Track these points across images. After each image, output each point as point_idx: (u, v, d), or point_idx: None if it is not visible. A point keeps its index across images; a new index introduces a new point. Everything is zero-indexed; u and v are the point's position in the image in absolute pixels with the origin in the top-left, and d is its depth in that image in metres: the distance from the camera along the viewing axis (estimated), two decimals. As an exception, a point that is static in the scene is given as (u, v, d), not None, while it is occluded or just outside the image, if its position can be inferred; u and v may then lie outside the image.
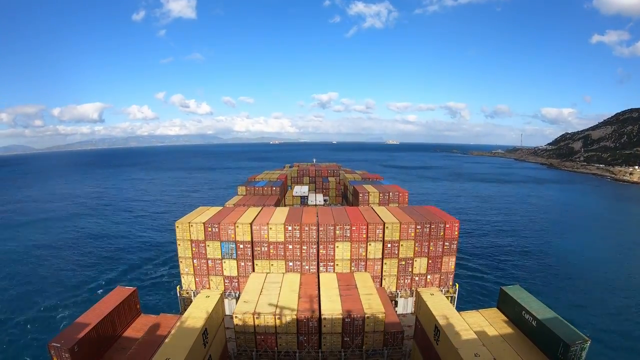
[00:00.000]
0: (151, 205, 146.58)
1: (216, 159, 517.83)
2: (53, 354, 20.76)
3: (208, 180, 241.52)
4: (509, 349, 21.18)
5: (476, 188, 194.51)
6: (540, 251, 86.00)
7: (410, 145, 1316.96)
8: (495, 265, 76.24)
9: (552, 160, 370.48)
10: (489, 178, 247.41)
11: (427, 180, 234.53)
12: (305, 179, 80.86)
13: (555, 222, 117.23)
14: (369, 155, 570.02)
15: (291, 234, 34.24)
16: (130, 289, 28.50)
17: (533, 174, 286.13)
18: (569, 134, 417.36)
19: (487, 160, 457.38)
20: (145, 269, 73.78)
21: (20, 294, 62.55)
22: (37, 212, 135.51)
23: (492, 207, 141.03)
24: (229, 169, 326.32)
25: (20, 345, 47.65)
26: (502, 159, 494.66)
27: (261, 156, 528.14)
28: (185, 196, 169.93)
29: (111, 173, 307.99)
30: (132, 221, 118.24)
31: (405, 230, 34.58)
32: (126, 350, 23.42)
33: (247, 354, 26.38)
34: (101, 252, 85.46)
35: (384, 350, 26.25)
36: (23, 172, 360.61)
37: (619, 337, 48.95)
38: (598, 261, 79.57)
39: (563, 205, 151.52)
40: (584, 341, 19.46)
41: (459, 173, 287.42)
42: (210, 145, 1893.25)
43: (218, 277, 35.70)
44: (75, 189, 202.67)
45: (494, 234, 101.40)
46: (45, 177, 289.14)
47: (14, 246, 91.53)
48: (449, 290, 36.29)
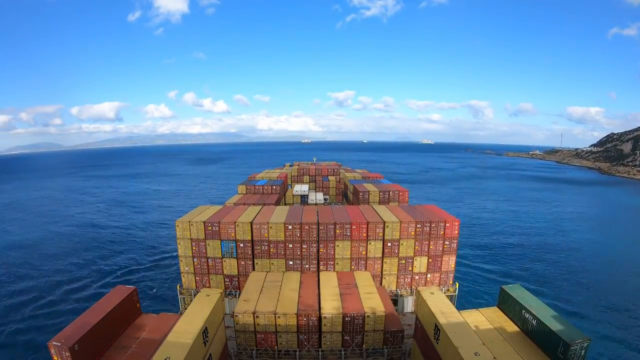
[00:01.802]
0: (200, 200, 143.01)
1: (268, 156, 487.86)
2: (53, 353, 20.75)
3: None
4: (509, 348, 21.16)
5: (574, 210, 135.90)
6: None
7: (442, 146, 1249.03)
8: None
9: (600, 164, 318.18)
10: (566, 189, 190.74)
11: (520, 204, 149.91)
12: (305, 177, 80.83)
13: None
14: (414, 158, 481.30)
15: (291, 233, 34.22)
16: (130, 288, 28.46)
17: (586, 180, 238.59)
18: (615, 134, 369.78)
19: (528, 163, 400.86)
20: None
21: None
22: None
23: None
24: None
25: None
26: (542, 161, 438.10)
27: (308, 155, 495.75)
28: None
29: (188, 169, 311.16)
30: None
31: (405, 229, 34.55)
32: (126, 350, 23.43)
33: (247, 352, 26.40)
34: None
35: (384, 349, 26.26)
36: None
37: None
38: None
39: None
40: (584, 340, 19.42)
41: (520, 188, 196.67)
42: (240, 144, 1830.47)
43: (218, 276, 35.71)
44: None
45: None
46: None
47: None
48: (449, 289, 36.28)
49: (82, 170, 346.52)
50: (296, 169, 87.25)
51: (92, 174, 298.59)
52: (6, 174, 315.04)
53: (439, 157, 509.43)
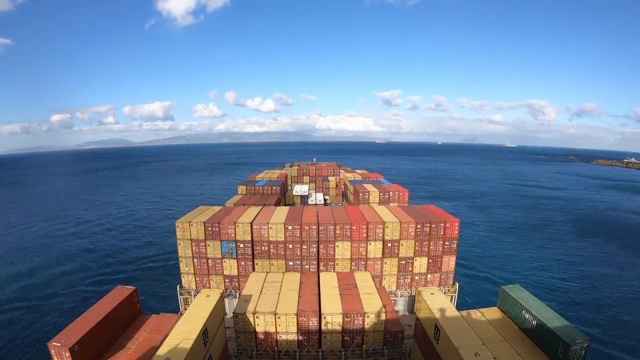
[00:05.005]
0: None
1: (382, 160, 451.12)
2: (53, 354, 20.76)
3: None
4: (509, 349, 21.15)
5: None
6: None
7: (525, 149, 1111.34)
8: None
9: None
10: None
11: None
12: (305, 178, 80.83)
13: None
14: (538, 169, 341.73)
15: (291, 234, 34.22)
16: (130, 288, 28.49)
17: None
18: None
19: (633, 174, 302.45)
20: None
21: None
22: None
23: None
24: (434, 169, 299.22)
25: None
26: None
27: (411, 158, 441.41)
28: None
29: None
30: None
31: (405, 229, 34.54)
32: (126, 350, 23.45)
33: (247, 353, 26.38)
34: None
35: (384, 349, 26.23)
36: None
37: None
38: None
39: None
40: (584, 341, 19.43)
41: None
42: (316, 143, 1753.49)
43: (218, 276, 35.70)
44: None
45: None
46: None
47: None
48: (449, 290, 36.26)
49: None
50: (296, 170, 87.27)
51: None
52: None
53: (555, 166, 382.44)
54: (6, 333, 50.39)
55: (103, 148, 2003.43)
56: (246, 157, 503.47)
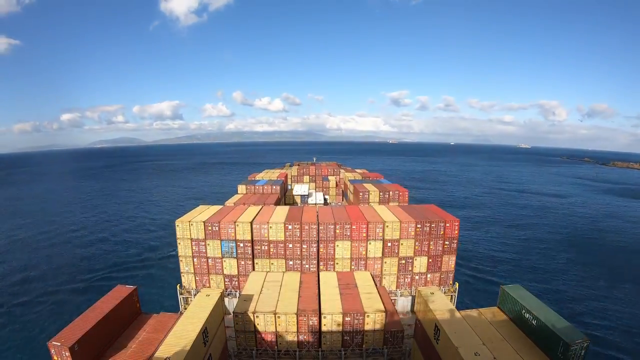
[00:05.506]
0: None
1: (403, 159, 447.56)
2: (53, 353, 20.73)
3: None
4: (509, 348, 21.15)
5: None
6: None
7: (539, 151, 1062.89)
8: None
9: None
10: None
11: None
12: (305, 177, 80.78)
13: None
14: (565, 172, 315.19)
15: (291, 233, 34.22)
16: (130, 287, 28.46)
17: None
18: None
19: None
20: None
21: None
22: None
23: None
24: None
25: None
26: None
27: (424, 160, 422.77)
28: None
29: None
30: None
31: (405, 229, 34.52)
32: (126, 349, 23.42)
33: (247, 352, 26.39)
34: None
35: (384, 349, 26.24)
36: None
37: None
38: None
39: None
40: (584, 341, 19.43)
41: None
42: (332, 142, 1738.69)
43: (218, 275, 35.70)
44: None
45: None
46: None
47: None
48: (449, 289, 36.24)
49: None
50: (296, 169, 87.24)
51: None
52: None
53: (568, 169, 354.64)
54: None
55: (115, 147, 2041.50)
56: (261, 156, 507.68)
